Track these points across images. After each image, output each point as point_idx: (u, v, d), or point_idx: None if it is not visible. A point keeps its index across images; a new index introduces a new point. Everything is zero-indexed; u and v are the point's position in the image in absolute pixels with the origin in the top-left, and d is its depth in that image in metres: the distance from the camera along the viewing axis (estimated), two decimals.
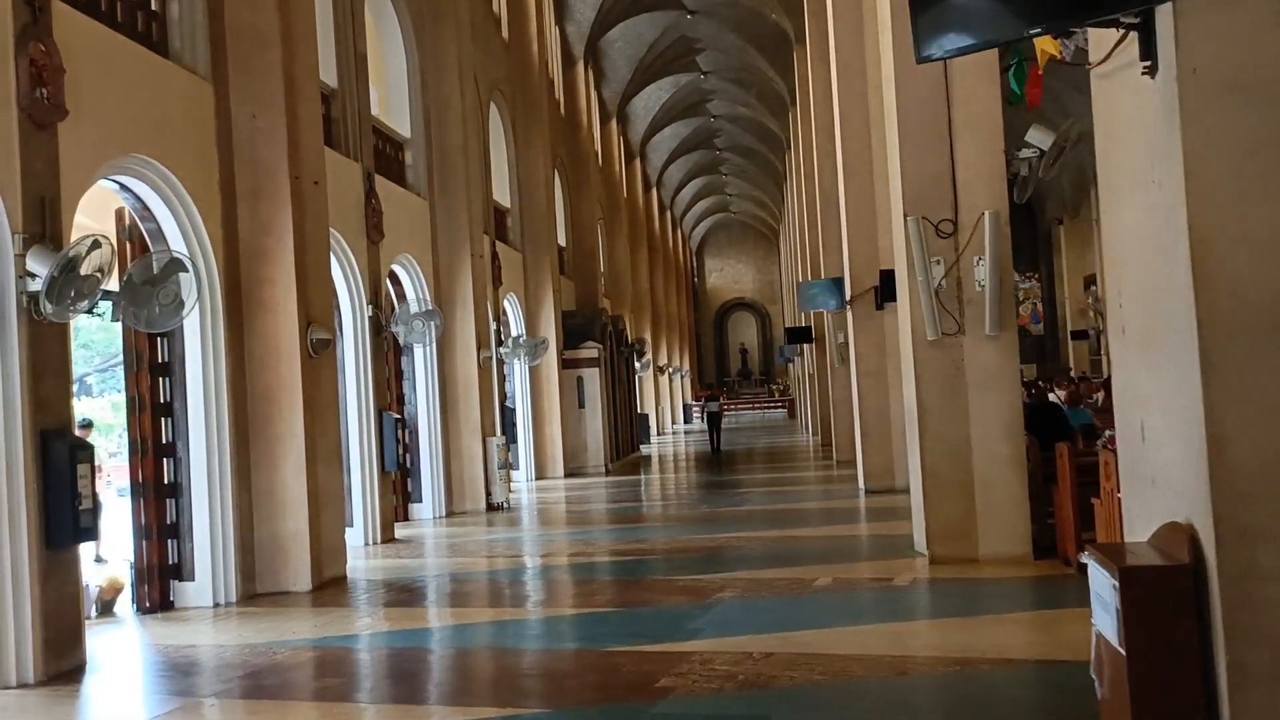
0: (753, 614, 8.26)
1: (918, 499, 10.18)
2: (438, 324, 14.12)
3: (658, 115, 40.04)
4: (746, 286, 66.90)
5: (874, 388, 16.10)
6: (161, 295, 8.06)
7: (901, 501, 14.58)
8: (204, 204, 10.07)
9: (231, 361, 10.30)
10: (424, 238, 16.61)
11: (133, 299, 7.92)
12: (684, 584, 9.52)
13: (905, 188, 9.93)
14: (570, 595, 9.38)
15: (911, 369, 9.94)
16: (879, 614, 8.07)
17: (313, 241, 11.02)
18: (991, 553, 9.65)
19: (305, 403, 10.57)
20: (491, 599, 9.57)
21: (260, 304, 10.59)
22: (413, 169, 16.72)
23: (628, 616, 8.38)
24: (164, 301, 8.08)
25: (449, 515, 16.45)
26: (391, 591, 10.23)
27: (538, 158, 23.24)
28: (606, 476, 22.69)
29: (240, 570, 10.19)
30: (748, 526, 13.30)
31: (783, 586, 9.14)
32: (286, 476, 10.52)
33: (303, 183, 10.85)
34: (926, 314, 9.73)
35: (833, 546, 11.52)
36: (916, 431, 9.92)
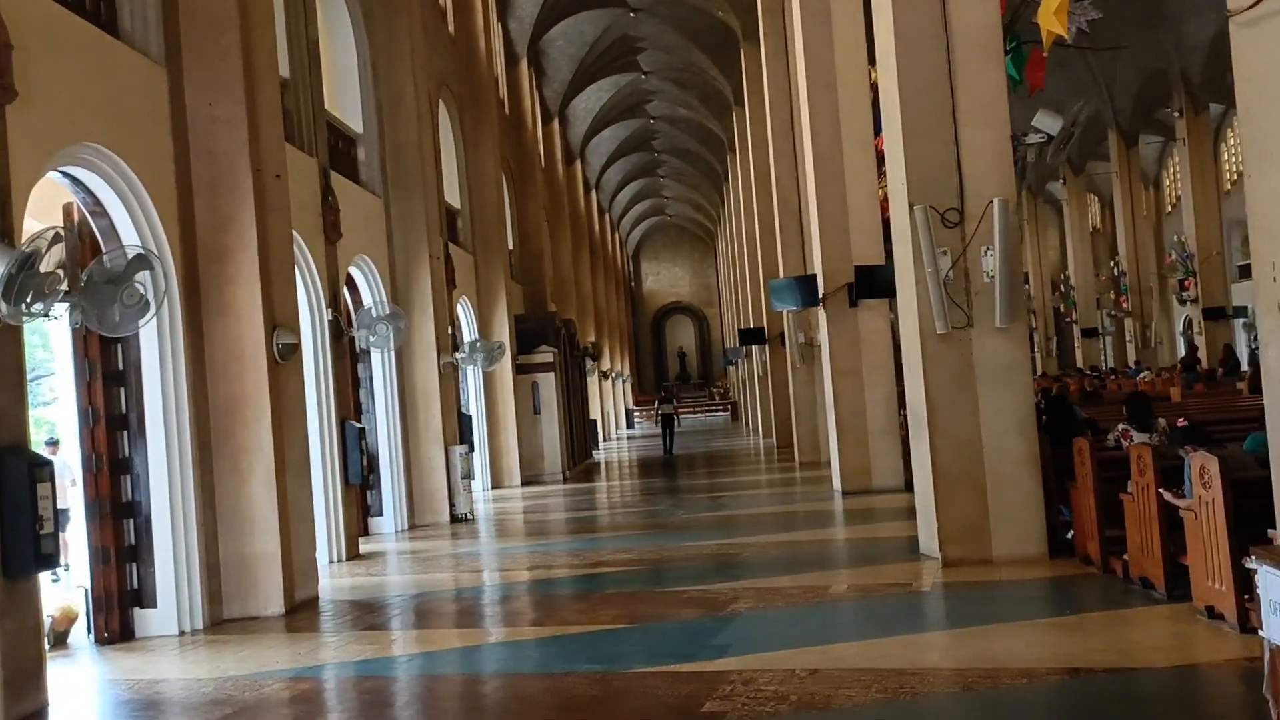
0: (777, 626, 7.76)
1: (926, 499, 9.77)
2: (402, 327, 13.41)
3: (598, 116, 39.50)
4: (683, 290, 66.61)
5: (849, 386, 15.75)
6: (125, 296, 7.30)
7: (882, 503, 14.29)
8: (159, 199, 9.28)
9: (192, 369, 9.52)
10: (380, 238, 15.86)
11: (94, 300, 7.16)
12: (692, 595, 8.98)
13: (910, 176, 9.53)
14: (572, 611, 8.77)
15: (919, 364, 9.53)
16: (912, 622, 7.62)
17: (276, 239, 10.27)
18: (1006, 553, 9.29)
19: (273, 412, 9.82)
20: (485, 618, 8.93)
21: (221, 307, 9.82)
22: (366, 165, 15.96)
23: (643, 633, 7.82)
24: (128, 302, 7.33)
25: (411, 528, 15.71)
26: (372, 613, 9.53)
27: (487, 157, 22.55)
28: (564, 484, 22.06)
29: (206, 595, 9.40)
30: (734, 532, 12.80)
31: (797, 595, 8.65)
32: (254, 492, 9.75)
33: (264, 176, 10.10)
34: (935, 307, 9.33)
35: (833, 551, 11.09)
36: (925, 429, 9.52)
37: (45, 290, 6.45)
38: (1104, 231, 53.07)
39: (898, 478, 15.53)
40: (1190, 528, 7.00)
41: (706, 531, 13.09)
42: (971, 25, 9.46)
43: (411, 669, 7.36)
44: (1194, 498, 6.86)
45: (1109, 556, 8.47)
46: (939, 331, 9.37)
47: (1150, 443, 8.96)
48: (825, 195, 15.86)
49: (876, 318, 15.82)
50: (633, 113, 41.58)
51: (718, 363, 63.65)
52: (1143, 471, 7.70)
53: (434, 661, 7.54)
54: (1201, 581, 6.87)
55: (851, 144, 15.82)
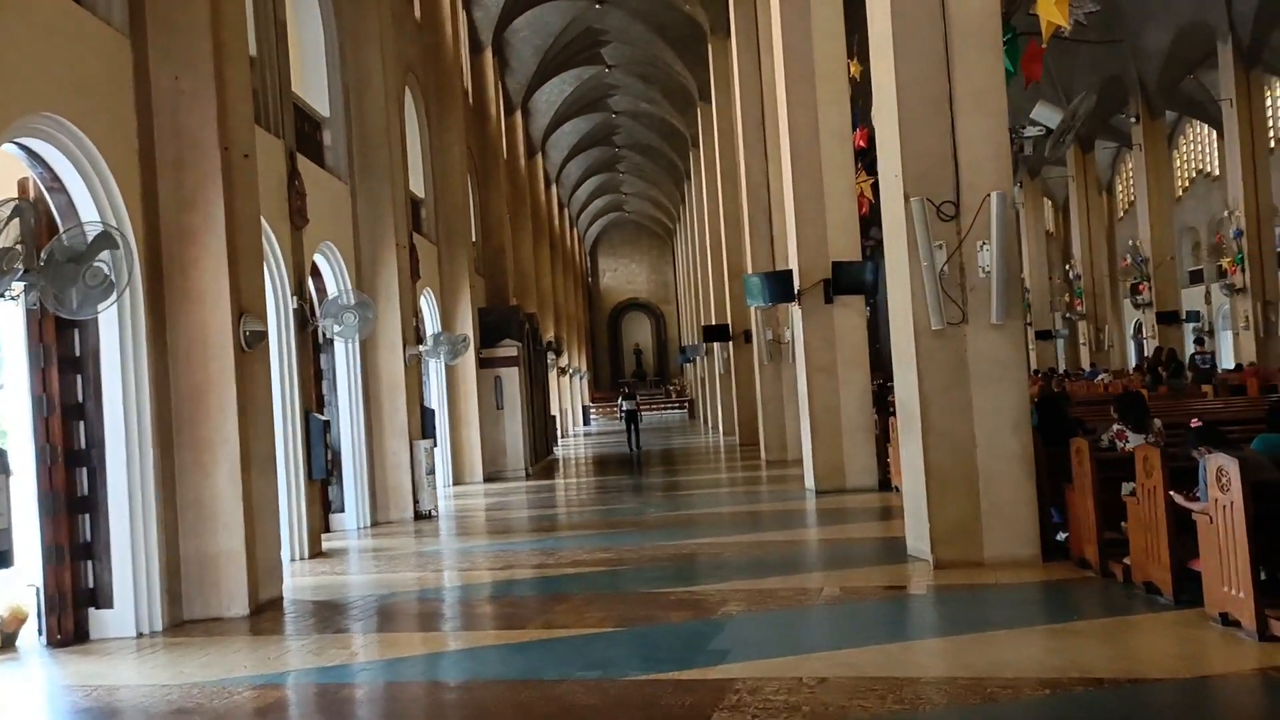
0: (774, 630, 7.46)
1: (917, 499, 9.53)
2: (370, 317, 12.93)
3: (560, 110, 39.04)
4: (640, 287, 66.33)
5: (824, 384, 15.51)
6: (88, 276, 6.83)
7: (858, 502, 14.08)
8: (121, 175, 8.77)
9: (154, 356, 9.02)
10: (345, 225, 15.36)
11: (54, 279, 6.68)
12: (680, 597, 8.65)
13: (906, 167, 9.27)
14: (555, 613, 8.40)
15: (913, 360, 9.28)
16: (915, 627, 7.37)
17: (243, 221, 9.78)
18: (998, 555, 9.07)
19: (239, 403, 9.34)
20: (464, 620, 8.52)
21: (185, 291, 9.32)
22: (332, 150, 15.45)
23: (634, 637, 7.47)
24: (90, 283, 6.86)
25: (374, 525, 15.23)
26: (341, 615, 9.09)
27: (453, 146, 22.07)
28: (528, 481, 21.64)
29: (166, 594, 8.92)
30: (712, 531, 12.50)
31: (789, 598, 8.35)
32: (218, 487, 9.27)
33: (232, 155, 9.61)
34: (931, 302, 9.08)
35: (818, 552, 10.83)
36: (918, 427, 9.27)
37: (3, 267, 5.97)
38: (1058, 236, 53.55)
39: (872, 477, 15.35)
40: (1204, 532, 6.79)
41: (683, 530, 12.77)
42: (970, 12, 9.22)
43: (391, 675, 6.95)
44: (1210, 501, 6.66)
45: (1108, 560, 8.27)
46: (934, 327, 9.12)
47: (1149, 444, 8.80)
48: (802, 190, 15.61)
49: (852, 314, 15.60)
50: (595, 107, 41.17)
51: (674, 360, 63.48)
52: (1149, 473, 7.50)
53: (414, 667, 7.14)
54: (1216, 587, 6.67)
55: (829, 138, 15.57)
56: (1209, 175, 45.12)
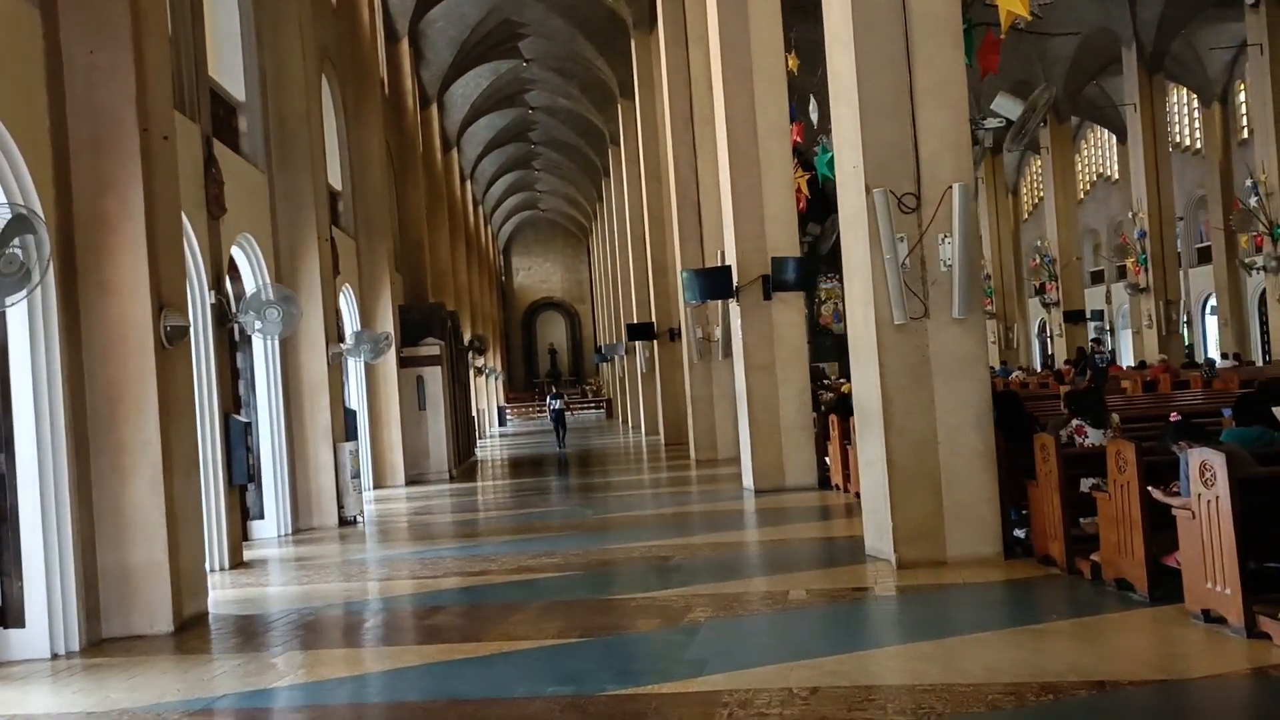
0: (749, 637, 7.14)
1: (877, 499, 9.31)
2: (295, 313, 12.24)
3: (476, 104, 38.30)
4: (555, 286, 65.75)
5: (763, 382, 15.27)
6: (2, 263, 6.16)
7: (800, 501, 13.90)
8: (31, 157, 8.04)
9: (67, 352, 8.30)
10: (263, 216, 14.62)
11: None
12: (640, 603, 8.28)
13: (867, 158, 9.03)
14: (511, 623, 7.93)
15: (874, 356, 9.04)
16: (893, 631, 7.10)
17: (163, 208, 9.09)
18: (961, 554, 8.89)
19: (160, 404, 8.67)
20: (411, 634, 8.00)
21: (101, 282, 8.61)
22: (248, 137, 14.69)
23: (602, 647, 7.07)
24: (4, 271, 6.19)
25: (295, 532, 14.51)
26: (275, 630, 8.48)
27: (371, 136, 21.32)
28: (452, 483, 21.04)
29: (84, 611, 8.21)
30: (657, 533, 12.15)
31: (756, 602, 8.04)
32: (138, 494, 8.58)
33: (151, 136, 8.92)
34: (894, 296, 8.86)
35: (774, 553, 10.53)
36: (880, 425, 9.03)
37: None
38: None
39: (811, 475, 15.18)
40: (1185, 528, 6.66)
41: (628, 532, 12.40)
42: (931, 3, 9.03)
43: (342, 696, 6.42)
44: (1192, 496, 6.52)
45: (1075, 557, 8.14)
46: (896, 322, 8.90)
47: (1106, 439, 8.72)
48: (740, 185, 15.36)
49: (791, 311, 15.39)
50: (511, 102, 40.54)
51: (589, 360, 63.07)
52: (1122, 469, 7.36)
53: (365, 686, 6.63)
54: (1198, 584, 6.53)
55: (767, 132, 15.36)
56: (1109, 179, 46.40)
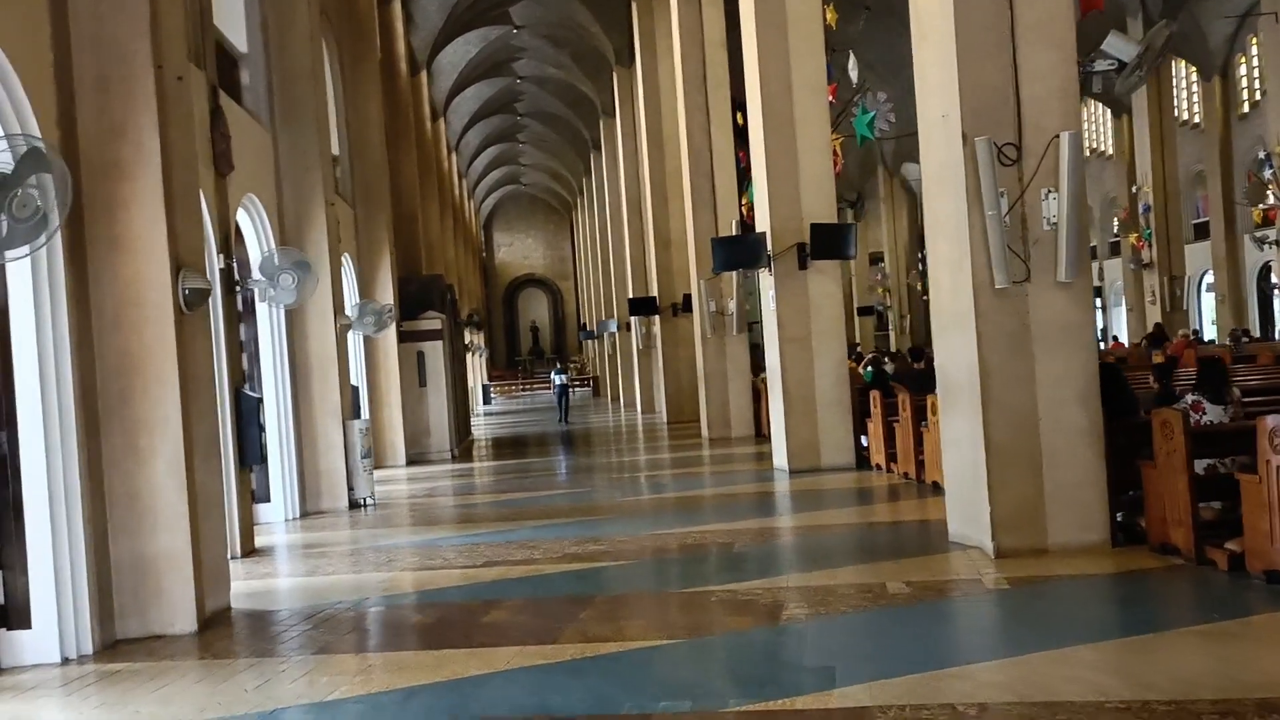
0: (867, 639, 6.32)
1: (966, 481, 8.52)
2: (311, 279, 11.27)
3: (464, 73, 37.11)
4: (537, 262, 64.66)
5: (798, 356, 14.45)
6: (15, 206, 5.21)
7: (843, 482, 13.12)
8: (34, 94, 7.05)
9: (76, 317, 7.33)
10: (267, 177, 13.59)
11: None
12: (721, 598, 7.43)
13: (964, 104, 8.17)
14: (584, 622, 7.07)
15: (971, 324, 8.21)
16: (1037, 632, 6.22)
17: (179, 155, 8.11)
18: (1063, 541, 8.12)
19: (181, 375, 7.72)
20: (471, 634, 7.09)
21: (113, 238, 7.64)
22: (251, 91, 13.64)
23: (700, 651, 6.24)
24: (19, 215, 5.24)
25: (304, 516, 13.59)
26: (312, 628, 7.56)
27: (369, 100, 20.24)
28: (455, 463, 20.12)
29: (97, 610, 7.28)
30: (700, 517, 11.35)
31: (853, 596, 7.21)
32: (156, 477, 7.65)
33: (165, 75, 7.93)
34: (996, 257, 8.03)
35: (842, 540, 9.70)
36: (975, 400, 8.21)
37: None
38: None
39: (848, 455, 14.40)
40: None
41: (669, 517, 11.58)
42: None
43: (418, 712, 5.54)
44: None
45: (1204, 545, 7.37)
46: (998, 285, 8.07)
47: (1227, 416, 7.97)
48: (774, 146, 14.47)
49: (827, 281, 14.55)
50: (499, 70, 39.34)
51: (572, 337, 62.13)
52: (1278, 448, 6.59)
53: (440, 699, 5.74)
54: None
55: (802, 90, 14.48)
56: (1103, 154, 45.84)
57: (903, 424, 12.94)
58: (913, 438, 12.65)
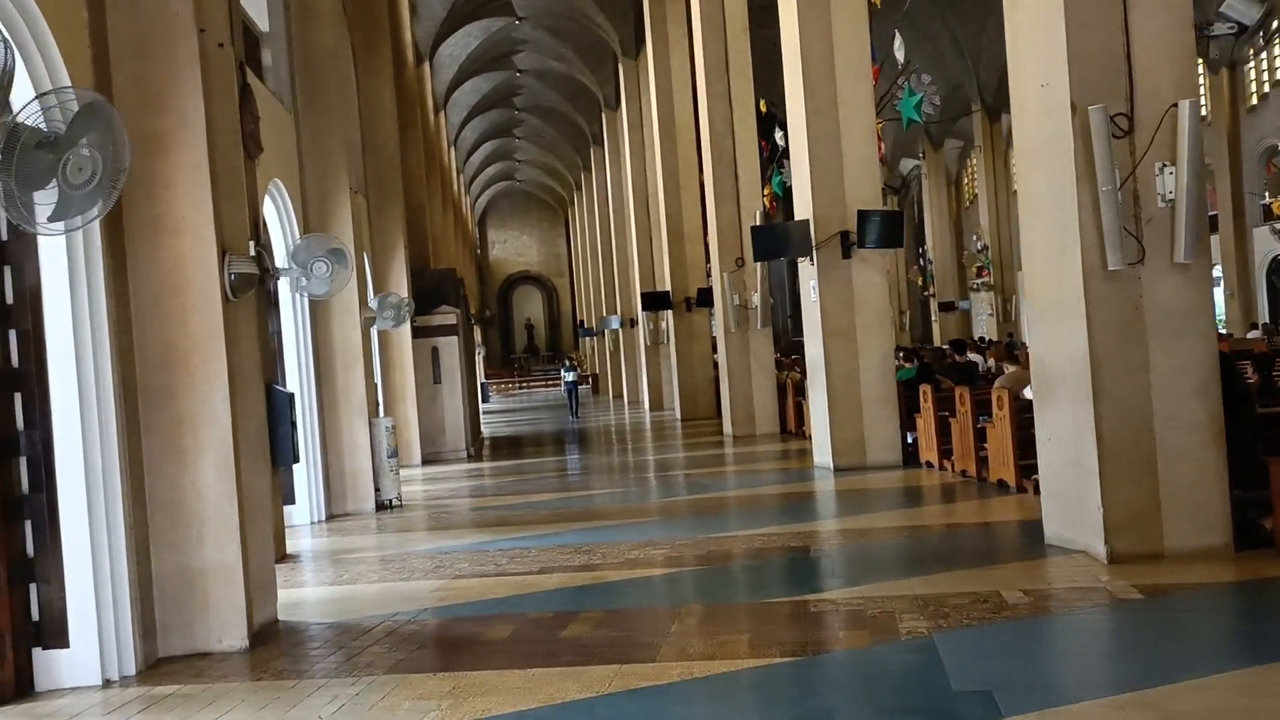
0: (1011, 658, 5.70)
1: (1066, 480, 7.95)
2: (346, 269, 10.58)
3: (464, 65, 36.43)
4: (532, 259, 63.94)
5: (842, 349, 13.86)
6: (70, 170, 4.54)
7: (892, 481, 12.56)
8: (67, 58, 6.36)
9: (115, 305, 6.66)
10: (290, 161, 12.91)
11: (21, 172, 4.38)
12: (823, 609, 6.82)
13: (1073, 71, 7.57)
14: (679, 637, 6.44)
15: (1080, 310, 7.61)
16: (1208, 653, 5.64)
17: (223, 129, 7.46)
18: (1181, 546, 7.53)
19: (230, 368, 7.06)
20: (554, 651, 6.43)
21: (153, 219, 6.98)
22: (273, 72, 12.95)
23: (825, 671, 5.62)
24: (74, 180, 4.56)
25: (330, 519, 12.93)
26: (375, 644, 6.90)
27: (382, 87, 19.53)
28: (472, 463, 19.45)
29: (140, 626, 6.62)
30: (757, 519, 10.73)
31: (970, 608, 6.59)
32: (202, 480, 6.99)
33: (208, 40, 7.27)
34: (1110, 237, 7.43)
35: (923, 543, 9.10)
36: (1083, 392, 7.62)
37: None
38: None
39: (895, 452, 13.83)
40: None
41: (723, 519, 10.98)
42: None
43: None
44: None
45: None
46: (1111, 267, 7.48)
47: None
48: (817, 131, 13.86)
49: (872, 271, 13.96)
50: (499, 64, 38.66)
51: (567, 335, 61.46)
52: None
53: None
54: None
55: (846, 72, 13.89)
56: None
57: (960, 419, 12.35)
58: (973, 434, 12.06)
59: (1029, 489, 10.72)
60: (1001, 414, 11.14)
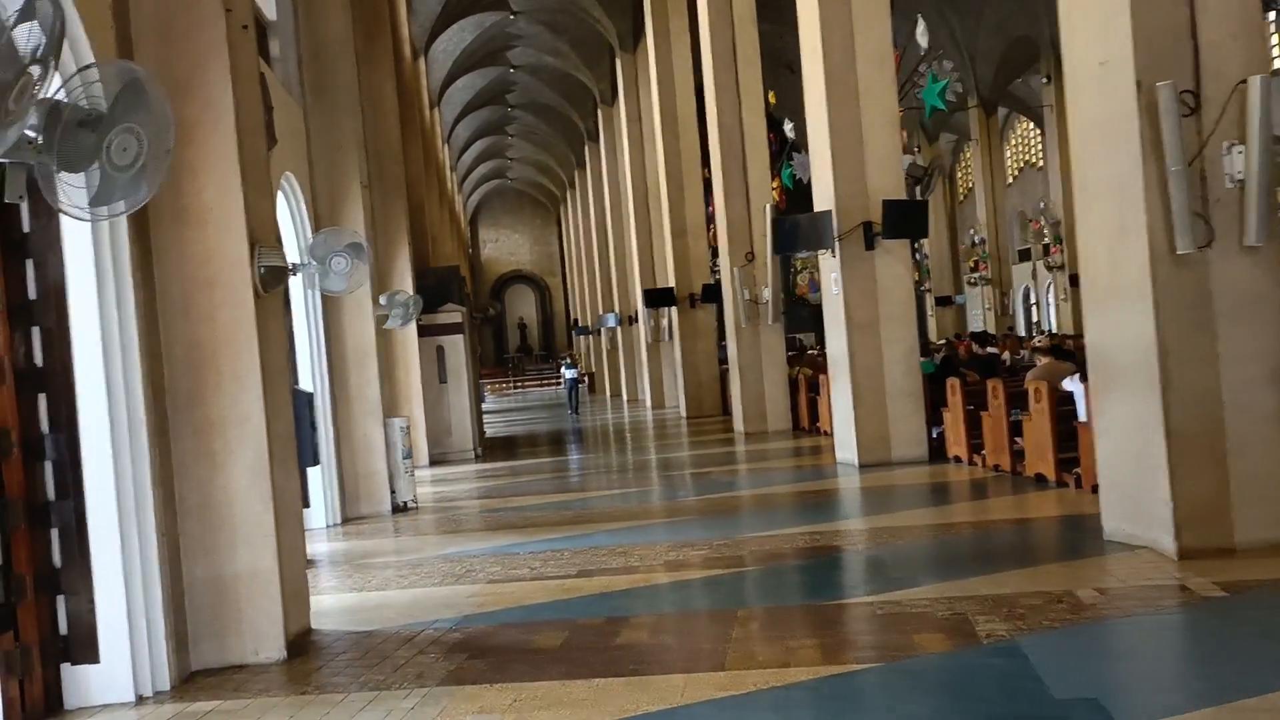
0: (1106, 663, 5.41)
1: (1128, 473, 7.67)
2: (365, 263, 10.22)
3: (458, 61, 36.02)
4: (524, 258, 63.50)
5: (866, 342, 13.58)
6: (115, 150, 4.18)
7: (921, 477, 12.26)
8: (92, 40, 6.01)
9: (142, 301, 6.30)
10: (300, 154, 12.54)
11: (63, 153, 4.02)
12: (891, 612, 6.49)
13: (1137, 49, 7.28)
14: (742, 643, 6.11)
15: (1142, 296, 7.32)
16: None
17: (249, 117, 7.10)
18: (1253, 540, 7.25)
19: (262, 367, 6.71)
20: (612, 660, 6.09)
21: (179, 210, 6.62)
22: (281, 63, 12.58)
23: (913, 678, 5.30)
24: (119, 162, 4.21)
25: (345, 522, 12.57)
26: (420, 654, 6.55)
27: (384, 80, 19.11)
28: (480, 463, 19.07)
29: (173, 639, 6.26)
30: (793, 518, 10.42)
31: (1045, 609, 6.28)
32: (235, 484, 6.64)
33: (234, 20, 6.91)
34: (1179, 218, 7.14)
35: (977, 540, 8.79)
36: (1152, 381, 7.32)
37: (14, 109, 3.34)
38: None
39: (920, 447, 13.56)
40: None
41: (756, 518, 10.67)
42: None
43: None
44: None
45: None
46: (1180, 251, 7.19)
47: None
48: (838, 119, 13.56)
49: (895, 262, 13.68)
50: (493, 60, 38.24)
51: (561, 334, 61.08)
52: None
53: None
54: None
55: (867, 59, 13.59)
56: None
57: (993, 413, 12.06)
58: (1006, 427, 11.77)
59: (1070, 483, 10.46)
60: (1039, 406, 10.86)
